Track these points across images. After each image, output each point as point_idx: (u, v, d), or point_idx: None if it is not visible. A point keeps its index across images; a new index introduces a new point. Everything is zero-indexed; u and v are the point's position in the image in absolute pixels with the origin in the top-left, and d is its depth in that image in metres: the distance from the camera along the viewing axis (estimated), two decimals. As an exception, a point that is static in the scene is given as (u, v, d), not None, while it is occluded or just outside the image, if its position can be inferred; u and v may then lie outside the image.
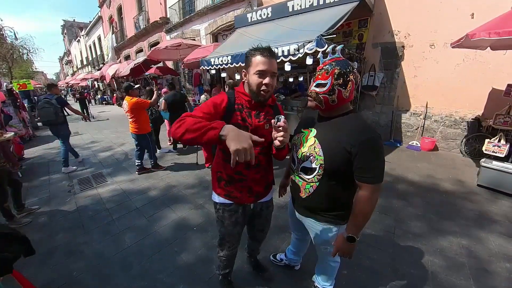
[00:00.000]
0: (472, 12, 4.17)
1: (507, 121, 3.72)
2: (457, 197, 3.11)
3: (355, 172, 1.07)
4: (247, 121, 1.21)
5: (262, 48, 1.14)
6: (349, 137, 1.05)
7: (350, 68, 1.07)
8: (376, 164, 1.04)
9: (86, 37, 26.25)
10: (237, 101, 1.23)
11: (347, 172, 1.09)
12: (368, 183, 1.05)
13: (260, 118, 1.24)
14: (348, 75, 1.05)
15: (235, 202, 1.35)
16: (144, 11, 13.29)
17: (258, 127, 1.22)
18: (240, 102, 1.23)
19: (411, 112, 5.31)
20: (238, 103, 1.23)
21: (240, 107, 1.22)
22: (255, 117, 1.23)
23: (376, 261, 2.04)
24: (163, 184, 3.66)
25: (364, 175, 1.05)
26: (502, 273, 1.91)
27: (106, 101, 17.90)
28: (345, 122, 1.11)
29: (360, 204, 1.08)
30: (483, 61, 4.22)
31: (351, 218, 1.13)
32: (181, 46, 7.30)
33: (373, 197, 1.06)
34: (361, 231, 1.14)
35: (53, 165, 4.77)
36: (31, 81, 11.45)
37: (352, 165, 1.06)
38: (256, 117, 1.23)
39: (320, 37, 3.36)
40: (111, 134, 7.43)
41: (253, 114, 1.23)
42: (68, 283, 1.90)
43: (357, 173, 1.06)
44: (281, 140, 1.06)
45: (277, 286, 1.81)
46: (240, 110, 1.21)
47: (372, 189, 1.05)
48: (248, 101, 1.22)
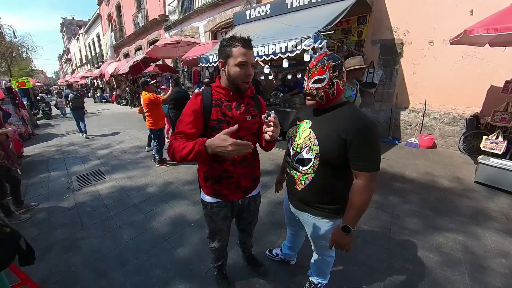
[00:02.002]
0: (471, 8, 4.15)
1: (505, 118, 3.72)
2: (454, 193, 3.12)
3: (351, 161, 1.06)
4: (227, 115, 1.19)
5: (243, 38, 1.10)
6: (344, 125, 1.05)
7: (340, 60, 1.09)
8: (371, 152, 1.04)
9: (85, 35, 26.18)
10: (214, 97, 1.21)
11: (342, 162, 1.09)
12: (364, 171, 1.05)
13: (240, 110, 1.22)
14: (341, 66, 1.08)
15: (223, 200, 1.36)
16: (143, 9, 13.26)
17: (239, 119, 1.21)
18: (218, 97, 1.21)
19: (410, 109, 5.30)
20: (216, 98, 1.20)
21: (218, 103, 1.20)
22: (235, 109, 1.21)
23: (372, 256, 2.05)
24: (161, 180, 3.67)
25: (360, 163, 1.05)
26: (497, 269, 1.91)
27: (106, 99, 17.89)
28: (340, 112, 1.12)
29: (357, 193, 1.08)
30: (482, 58, 4.21)
31: (347, 207, 1.13)
32: (180, 43, 7.30)
33: (370, 185, 1.05)
34: (357, 222, 1.13)
35: (52, 162, 4.78)
36: (30, 79, 11.44)
37: (347, 154, 1.06)
38: (237, 109, 1.21)
39: (317, 33, 3.35)
40: (110, 131, 7.43)
41: (233, 106, 1.21)
42: (66, 277, 1.91)
43: (353, 161, 1.06)
44: (271, 135, 1.07)
45: (273, 280, 1.82)
46: (219, 106, 1.19)
47: (369, 177, 1.05)
48: (225, 94, 1.20)
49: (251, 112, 1.26)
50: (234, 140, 0.92)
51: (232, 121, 1.19)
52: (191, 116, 1.15)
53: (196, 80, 9.77)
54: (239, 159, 1.26)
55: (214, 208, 1.38)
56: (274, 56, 3.98)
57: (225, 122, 1.18)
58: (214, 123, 1.18)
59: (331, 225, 1.27)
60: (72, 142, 6.38)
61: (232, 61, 1.10)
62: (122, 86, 15.50)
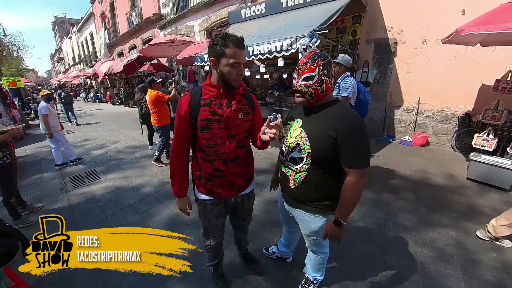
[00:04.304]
0: (463, 8, 4.22)
1: (496, 116, 3.80)
2: (447, 190, 3.18)
3: (341, 158, 1.09)
4: (217, 113, 1.19)
5: (236, 38, 1.09)
6: (334, 124, 1.07)
7: (329, 58, 1.11)
8: (361, 149, 1.08)
9: (78, 33, 25.75)
10: (204, 96, 1.21)
11: (334, 160, 1.11)
12: (355, 168, 1.08)
13: (231, 108, 1.21)
14: (330, 64, 1.10)
15: (216, 198, 1.37)
16: (137, 7, 13.10)
17: (230, 117, 1.21)
18: (207, 96, 1.21)
19: (404, 107, 5.37)
20: (206, 98, 1.20)
21: (207, 102, 1.19)
22: (226, 106, 1.20)
23: (366, 252, 2.08)
24: (157, 180, 3.65)
25: (350, 160, 1.08)
26: (489, 262, 1.96)
27: (100, 99, 17.65)
28: (330, 110, 1.14)
29: (348, 189, 1.11)
30: (473, 57, 4.29)
31: (339, 203, 1.17)
32: (175, 42, 7.23)
33: (360, 182, 1.09)
34: (348, 216, 1.18)
35: (45, 163, 4.70)
36: (22, 78, 11.22)
37: (338, 152, 1.08)
38: (228, 107, 1.21)
39: (312, 32, 3.36)
40: (104, 132, 7.34)
41: (224, 104, 1.21)
42: (61, 279, 1.89)
43: (344, 159, 1.09)
44: (271, 137, 1.06)
45: (269, 278, 1.83)
46: (209, 105, 1.19)
47: (359, 173, 1.08)
48: (216, 92, 1.20)
49: (243, 110, 1.26)
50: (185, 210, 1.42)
51: (222, 119, 1.19)
52: (180, 118, 1.23)
53: (191, 79, 9.71)
54: (231, 158, 1.26)
55: (207, 206, 1.38)
56: (269, 55, 3.98)
57: (215, 121, 1.18)
58: (203, 123, 1.19)
59: (324, 221, 1.29)
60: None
61: (225, 61, 1.09)
62: (117, 86, 15.32)
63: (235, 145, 1.25)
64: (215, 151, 1.24)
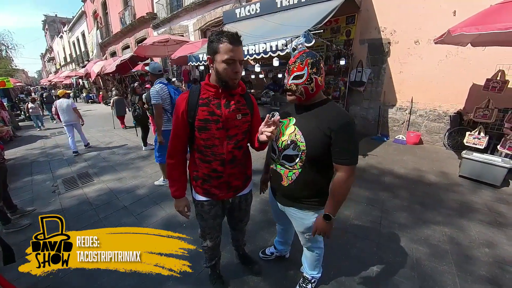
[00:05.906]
0: (454, 9, 4.30)
1: (486, 114, 3.88)
2: (440, 188, 3.23)
3: (333, 155, 1.13)
4: (216, 113, 1.17)
5: (230, 34, 1.06)
6: (328, 122, 1.10)
7: (318, 57, 1.13)
8: (352, 147, 1.11)
9: (69, 33, 25.25)
10: (202, 96, 1.18)
11: (326, 157, 1.15)
12: (345, 164, 1.12)
13: (230, 108, 1.19)
14: (319, 63, 1.12)
15: (214, 199, 1.35)
16: (130, 6, 12.94)
17: (229, 118, 1.19)
18: (206, 96, 1.18)
19: (397, 107, 5.44)
20: (204, 97, 1.18)
21: (206, 101, 1.17)
22: (224, 107, 1.18)
23: (362, 250, 2.10)
24: (152, 181, 3.60)
25: (342, 157, 1.11)
26: (482, 258, 2.00)
27: (92, 100, 17.37)
28: (323, 109, 1.17)
29: (338, 185, 1.15)
30: (464, 57, 4.37)
31: (329, 198, 1.20)
32: (169, 42, 7.16)
33: (349, 178, 1.13)
34: (337, 211, 1.20)
35: (36, 165, 4.59)
36: (11, 79, 10.95)
37: (331, 149, 1.12)
38: (226, 107, 1.18)
39: (307, 32, 3.37)
40: (97, 133, 7.22)
41: (222, 104, 1.18)
42: (53, 284, 1.85)
43: (335, 156, 1.13)
44: (268, 136, 1.03)
45: (267, 278, 1.83)
46: (207, 105, 1.17)
47: (349, 170, 1.12)
48: (215, 92, 1.18)
49: (242, 111, 1.24)
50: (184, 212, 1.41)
51: (221, 120, 1.17)
52: (178, 118, 1.21)
53: (186, 79, 9.64)
54: (228, 159, 1.25)
55: (204, 207, 1.37)
56: (264, 54, 3.98)
57: (213, 122, 1.17)
58: (201, 123, 1.17)
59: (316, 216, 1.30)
60: (57, 144, 6.16)
61: (219, 58, 1.07)
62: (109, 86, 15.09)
63: (233, 146, 1.24)
64: (213, 152, 1.22)
